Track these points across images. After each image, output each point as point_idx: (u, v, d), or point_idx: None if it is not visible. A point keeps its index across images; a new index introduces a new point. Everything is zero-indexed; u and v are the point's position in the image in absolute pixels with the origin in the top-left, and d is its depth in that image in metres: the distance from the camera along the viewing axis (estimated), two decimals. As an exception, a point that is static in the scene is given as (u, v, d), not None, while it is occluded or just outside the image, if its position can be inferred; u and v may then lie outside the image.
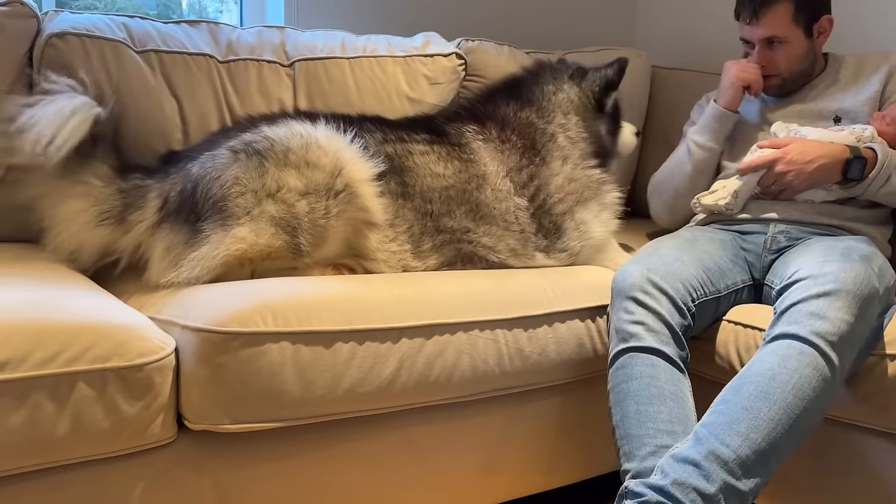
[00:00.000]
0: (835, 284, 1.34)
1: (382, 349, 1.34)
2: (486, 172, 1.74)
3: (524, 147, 1.80)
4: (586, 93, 1.91)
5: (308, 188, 1.48)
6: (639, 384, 1.40)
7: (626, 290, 1.50)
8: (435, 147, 1.73)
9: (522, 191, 1.76)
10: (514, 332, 1.50)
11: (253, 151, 1.50)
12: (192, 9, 2.61)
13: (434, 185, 1.67)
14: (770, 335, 1.36)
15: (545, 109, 1.87)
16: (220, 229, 1.42)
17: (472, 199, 1.70)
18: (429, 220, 1.65)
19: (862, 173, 1.70)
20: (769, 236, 1.74)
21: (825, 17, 1.92)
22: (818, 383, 1.27)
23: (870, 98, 1.87)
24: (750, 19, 1.87)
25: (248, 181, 1.46)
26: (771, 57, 1.89)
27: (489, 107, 1.89)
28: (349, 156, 1.56)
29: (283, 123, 1.59)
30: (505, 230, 1.71)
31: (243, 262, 1.45)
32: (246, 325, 1.23)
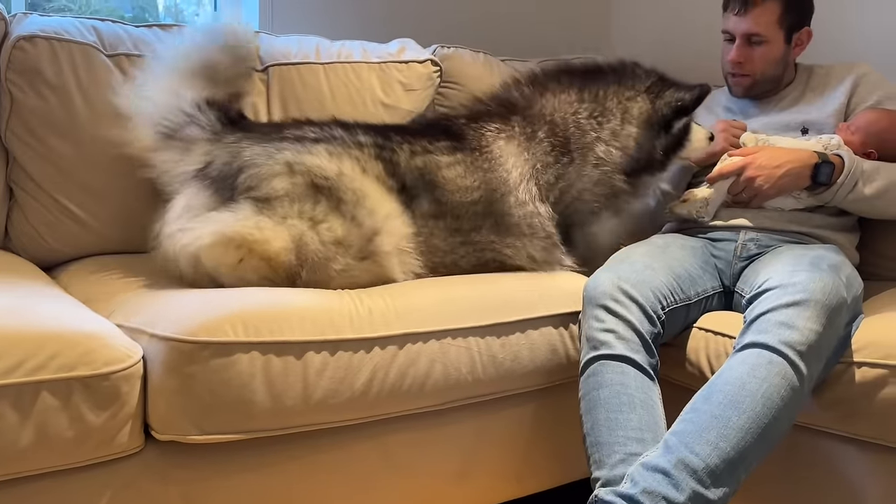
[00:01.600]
0: (803, 294, 1.35)
1: (355, 360, 1.33)
2: (509, 178, 1.70)
3: (552, 145, 1.76)
4: (658, 111, 1.83)
5: (344, 240, 1.50)
6: (609, 392, 1.40)
7: (596, 298, 1.51)
8: (458, 156, 1.69)
9: (546, 194, 1.73)
10: (486, 339, 1.50)
11: (309, 183, 1.50)
12: (169, 11, 2.59)
13: (463, 200, 1.65)
14: (740, 344, 1.37)
15: (603, 112, 1.80)
16: (251, 208, 1.44)
17: (497, 211, 1.68)
18: (457, 237, 1.65)
19: (830, 178, 1.73)
20: (739, 244, 1.76)
21: (806, 28, 1.95)
22: (787, 392, 1.29)
23: (835, 110, 1.90)
24: (739, 10, 1.88)
25: (296, 199, 1.48)
26: (749, 54, 1.91)
27: (532, 97, 1.82)
28: (388, 218, 1.57)
29: (338, 154, 1.57)
30: (528, 237, 1.70)
31: (241, 249, 1.43)
32: (215, 335, 1.22)
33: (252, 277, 1.45)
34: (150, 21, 2.46)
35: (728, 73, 1.99)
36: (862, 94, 1.92)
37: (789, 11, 1.89)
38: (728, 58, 1.94)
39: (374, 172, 1.59)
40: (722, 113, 2.06)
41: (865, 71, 1.95)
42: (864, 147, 1.82)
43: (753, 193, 1.78)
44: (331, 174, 1.53)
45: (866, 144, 1.83)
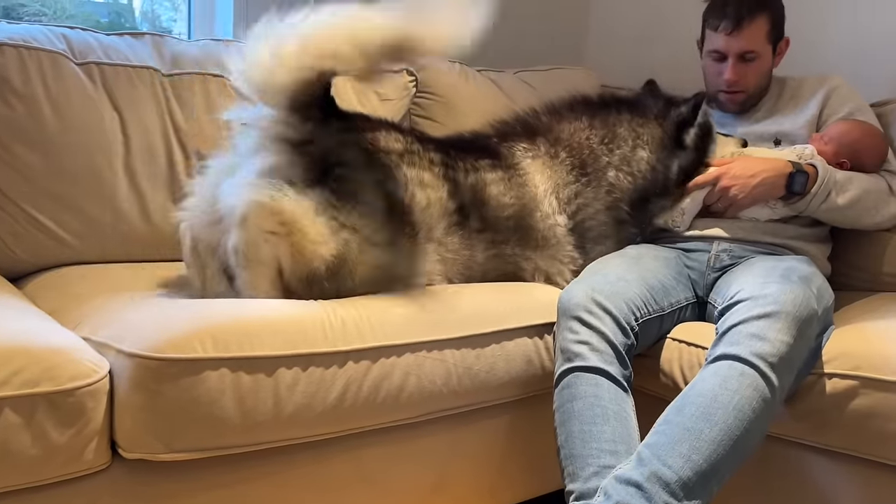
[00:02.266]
0: (774, 306, 1.36)
1: (327, 374, 1.32)
2: (536, 194, 1.76)
3: (572, 165, 1.81)
4: (666, 132, 1.86)
5: (384, 268, 1.50)
6: (583, 404, 1.40)
7: (570, 310, 1.51)
8: (499, 173, 1.74)
9: (565, 207, 1.78)
10: (462, 351, 1.49)
11: (386, 209, 1.49)
12: (146, 17, 2.56)
13: (501, 215, 1.70)
14: (712, 355, 1.38)
15: (615, 137, 1.85)
16: (320, 202, 1.41)
17: (524, 225, 1.73)
18: (493, 249, 1.69)
19: (804, 187, 1.74)
20: (712, 254, 1.77)
21: (785, 38, 1.97)
22: (758, 404, 1.29)
23: (808, 121, 1.92)
24: (732, 30, 1.89)
25: (366, 216, 1.45)
26: (744, 71, 1.92)
27: (552, 122, 1.88)
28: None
29: (419, 179, 1.57)
30: (546, 248, 1.75)
31: (284, 227, 1.39)
32: (183, 352, 1.19)
33: (267, 255, 1.40)
34: (127, 26, 2.45)
35: (720, 91, 1.99)
36: (834, 105, 1.94)
37: (775, 25, 1.92)
38: (724, 77, 1.94)
39: (441, 198, 1.61)
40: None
41: (837, 83, 1.97)
42: (836, 157, 1.85)
43: (729, 203, 1.80)
44: (416, 206, 1.53)
45: (839, 154, 1.85)
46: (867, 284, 1.91)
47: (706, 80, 2.03)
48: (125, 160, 1.73)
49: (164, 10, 2.57)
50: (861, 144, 1.86)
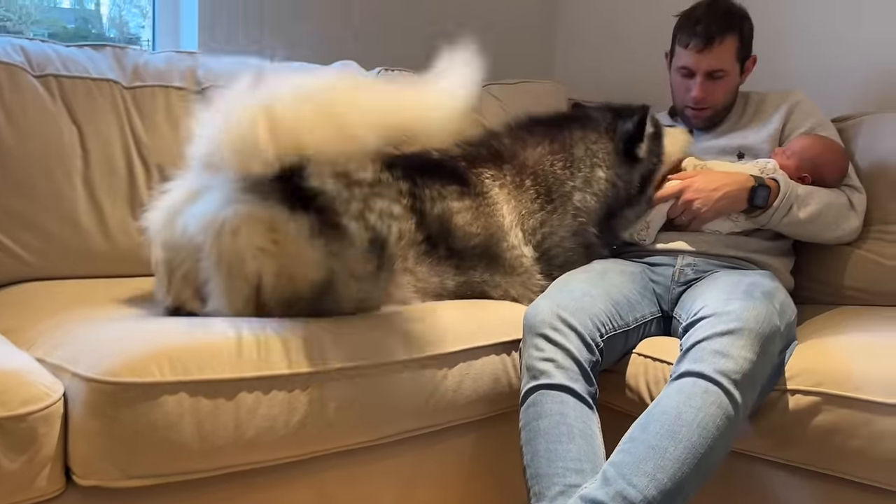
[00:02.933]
0: (737, 323, 1.37)
1: (291, 397, 1.29)
2: (503, 225, 1.76)
3: (538, 193, 1.81)
4: (618, 146, 1.88)
5: (363, 303, 1.48)
6: (548, 422, 1.40)
7: (535, 327, 1.51)
8: (466, 201, 1.73)
9: (531, 238, 1.79)
10: (428, 370, 1.47)
11: (372, 239, 1.44)
12: (113, 23, 2.51)
13: (468, 244, 1.70)
14: (676, 372, 1.38)
15: (575, 160, 1.85)
16: (312, 224, 1.35)
17: (491, 253, 1.74)
18: (460, 276, 1.69)
19: (766, 201, 1.76)
20: (677, 269, 1.78)
21: (752, 56, 1.99)
22: (722, 421, 1.30)
23: (770, 136, 1.95)
24: (701, 48, 1.90)
25: (353, 245, 1.40)
26: (711, 89, 1.94)
27: (516, 147, 1.87)
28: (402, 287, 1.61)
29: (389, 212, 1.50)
30: (513, 275, 1.76)
31: (276, 245, 1.34)
32: (140, 375, 1.16)
33: (250, 270, 1.35)
34: (94, 32, 2.41)
35: (687, 107, 2.00)
36: (796, 120, 1.97)
37: (744, 44, 1.94)
38: (691, 95, 1.96)
39: (409, 230, 1.61)
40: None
41: (799, 99, 2.00)
42: (798, 171, 1.87)
43: (692, 216, 1.81)
44: (384, 236, 1.48)
45: (801, 169, 1.87)
46: (829, 298, 1.94)
47: (673, 94, 2.05)
48: (84, 174, 1.70)
49: (133, 16, 2.53)
50: (822, 159, 1.88)
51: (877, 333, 1.54)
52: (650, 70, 2.40)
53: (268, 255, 1.35)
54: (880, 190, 1.92)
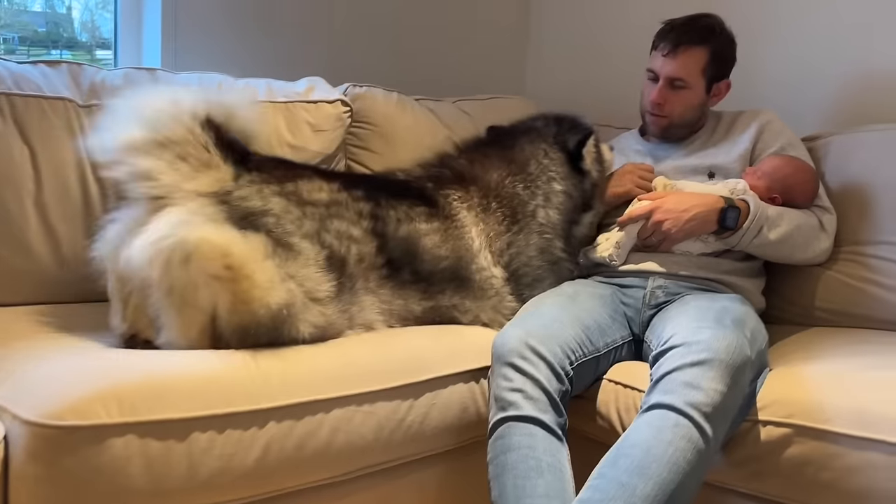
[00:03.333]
0: (708, 353, 1.34)
1: (246, 436, 1.24)
2: (472, 248, 1.74)
3: (504, 215, 1.80)
4: (565, 157, 1.92)
5: (327, 329, 1.45)
6: (517, 456, 1.37)
7: (504, 356, 1.47)
8: (435, 224, 1.70)
9: (499, 259, 1.76)
10: (394, 402, 1.43)
11: (328, 258, 1.45)
12: (85, 27, 2.44)
13: (437, 267, 1.66)
14: (646, 403, 1.36)
15: (532, 178, 1.86)
16: (266, 246, 1.35)
17: (461, 276, 1.70)
18: (429, 301, 1.65)
19: (736, 223, 1.74)
20: (648, 291, 1.76)
21: (725, 81, 1.98)
22: (693, 456, 1.27)
23: (741, 155, 1.93)
24: (667, 52, 1.90)
25: (310, 265, 1.41)
26: (670, 98, 1.93)
27: (477, 168, 1.86)
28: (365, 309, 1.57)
29: (349, 235, 1.53)
30: (484, 299, 1.73)
31: (230, 271, 1.30)
32: (85, 417, 1.10)
33: (204, 299, 1.30)
34: (65, 36, 2.37)
35: (647, 112, 2.00)
36: (766, 140, 1.96)
37: (714, 62, 1.93)
38: (650, 98, 1.96)
39: (368, 258, 1.55)
40: (633, 155, 2.07)
41: (770, 118, 1.99)
42: (769, 192, 1.86)
43: (662, 237, 1.79)
44: (344, 256, 1.49)
45: (771, 190, 1.86)
46: (800, 319, 1.93)
47: (640, 99, 2.03)
48: (36, 197, 1.63)
49: (105, 20, 2.45)
50: (793, 180, 1.87)
51: (848, 360, 1.52)
52: (620, 86, 2.39)
53: (222, 282, 1.30)
54: (850, 211, 1.92)
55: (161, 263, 1.28)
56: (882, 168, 1.90)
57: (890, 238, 1.85)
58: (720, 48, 1.94)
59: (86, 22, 2.45)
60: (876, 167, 1.91)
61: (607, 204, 1.96)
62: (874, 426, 1.27)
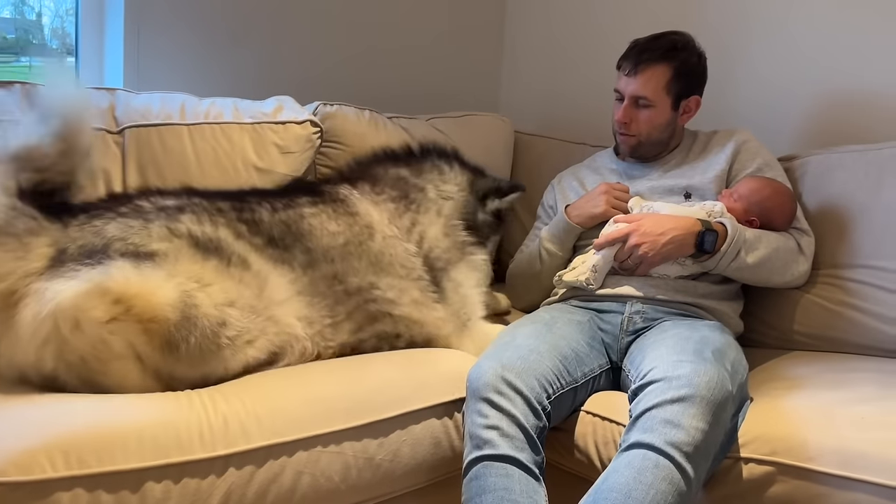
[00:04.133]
0: (688, 389, 1.31)
1: (204, 485, 1.18)
2: (372, 221, 1.73)
3: (397, 197, 1.82)
4: (471, 182, 1.97)
5: (236, 302, 1.44)
6: (492, 498, 1.32)
7: (479, 391, 1.43)
8: (320, 206, 1.71)
9: (408, 236, 1.76)
10: (363, 441, 1.38)
11: (195, 244, 1.45)
12: (55, 34, 2.37)
13: (332, 243, 1.65)
14: (626, 442, 1.32)
15: (421, 170, 1.91)
16: (131, 264, 1.33)
17: (368, 251, 1.69)
18: (337, 284, 1.62)
19: (714, 246, 1.72)
20: (626, 317, 1.72)
21: (694, 97, 1.95)
22: (674, 498, 1.23)
23: (717, 176, 1.91)
24: (629, 71, 1.89)
25: (181, 259, 1.41)
26: (635, 116, 1.91)
27: (360, 169, 1.91)
28: (269, 277, 1.55)
29: (209, 220, 1.54)
30: (405, 278, 1.70)
31: (118, 305, 1.28)
32: (28, 472, 1.03)
33: (119, 346, 1.27)
34: (35, 43, 2.31)
35: (616, 132, 1.98)
36: (743, 160, 1.93)
37: (678, 78, 1.90)
38: (616, 117, 1.95)
39: (244, 236, 1.57)
40: (607, 174, 2.04)
41: (746, 138, 1.97)
42: (746, 215, 1.83)
43: (639, 260, 1.76)
44: (213, 237, 1.48)
45: (749, 212, 1.83)
46: (778, 343, 1.90)
47: (612, 119, 2.01)
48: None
49: (73, 27, 2.37)
50: (771, 203, 1.85)
51: (830, 393, 1.49)
52: (596, 104, 2.37)
53: (121, 318, 1.27)
54: (828, 233, 1.89)
55: (55, 343, 1.24)
56: (860, 190, 1.88)
57: (868, 262, 1.83)
58: (684, 64, 1.90)
59: (56, 28, 2.39)
60: (854, 189, 1.89)
61: (582, 225, 1.92)
62: (859, 466, 1.24)
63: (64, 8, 2.33)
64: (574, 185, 2.06)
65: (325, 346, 1.59)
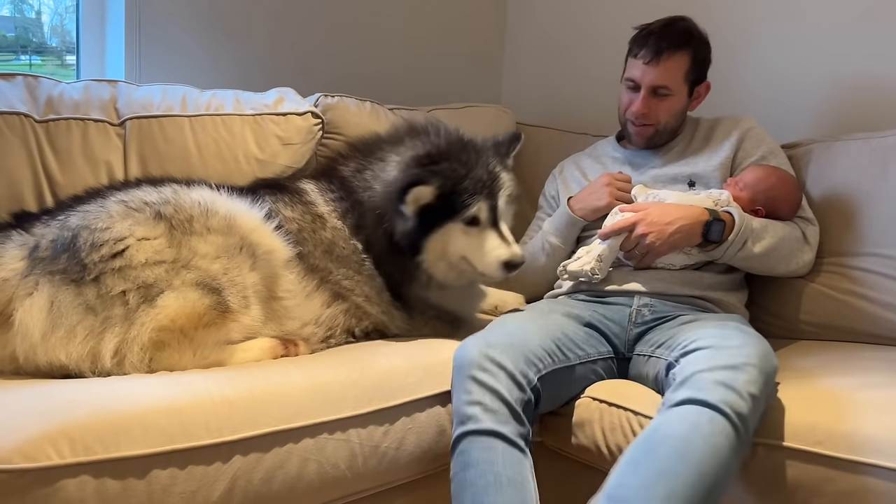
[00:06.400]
0: (743, 358, 1.31)
1: (210, 471, 1.17)
2: (322, 213, 1.73)
3: (345, 197, 1.75)
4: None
5: (218, 252, 1.47)
6: (475, 472, 1.32)
7: (463, 369, 1.44)
8: (278, 195, 1.72)
9: (356, 235, 1.71)
10: (368, 428, 1.37)
11: (156, 213, 1.47)
12: (55, 32, 2.37)
13: (289, 228, 1.65)
14: (673, 400, 1.30)
15: (368, 164, 1.79)
16: (144, 303, 1.36)
17: (321, 240, 1.69)
18: (301, 261, 1.63)
19: (721, 236, 1.71)
20: (634, 309, 1.71)
21: (705, 82, 1.94)
22: (729, 455, 1.23)
23: (721, 164, 1.90)
24: (650, 59, 1.85)
25: (155, 247, 1.42)
26: (655, 106, 1.88)
27: (322, 166, 1.91)
28: (237, 210, 1.55)
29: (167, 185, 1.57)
30: (357, 273, 1.70)
31: (176, 333, 1.37)
32: (34, 459, 1.03)
33: (210, 346, 1.42)
34: (35, 41, 2.32)
35: (628, 122, 1.95)
36: (747, 148, 1.92)
37: (695, 65, 1.89)
38: (633, 109, 1.90)
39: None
40: (610, 163, 2.02)
41: (750, 125, 1.96)
42: (752, 204, 1.82)
43: (645, 250, 1.74)
44: (171, 198, 1.50)
45: (755, 201, 1.82)
46: (784, 332, 1.89)
47: (619, 108, 1.99)
48: (-11, 217, 1.56)
49: (74, 25, 2.37)
50: (776, 192, 1.84)
51: (838, 379, 1.48)
52: (598, 93, 2.36)
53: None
54: (833, 221, 1.89)
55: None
56: (865, 177, 1.87)
57: (873, 249, 1.82)
58: (700, 51, 1.90)
59: (55, 26, 2.39)
60: (859, 176, 1.88)
61: (585, 218, 1.90)
62: (868, 449, 1.23)
63: (63, 6, 2.33)
64: (576, 174, 2.05)
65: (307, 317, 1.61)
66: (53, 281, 1.35)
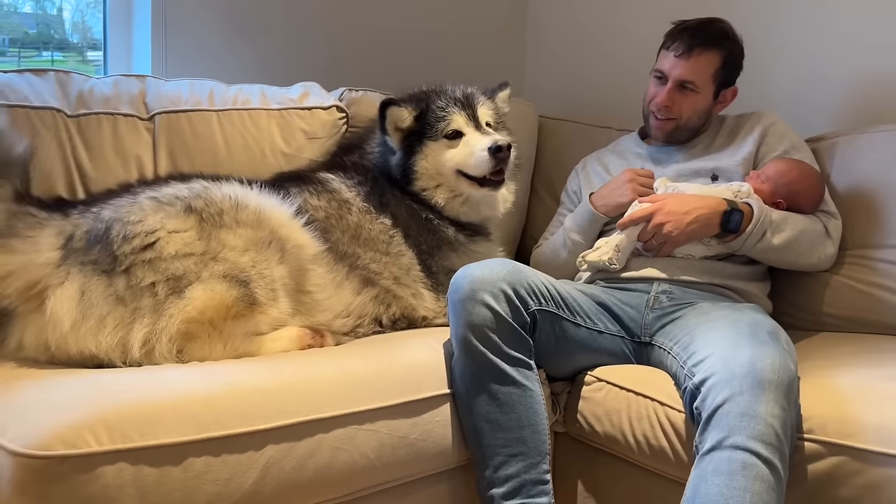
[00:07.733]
0: (754, 376, 1.27)
1: (243, 459, 1.19)
2: (348, 198, 1.77)
3: (364, 180, 1.83)
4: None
5: (247, 245, 1.49)
6: (486, 394, 1.44)
7: (468, 292, 1.48)
8: (302, 187, 1.76)
9: (383, 212, 1.77)
10: (397, 420, 1.39)
11: (186, 207, 1.49)
12: (76, 28, 2.39)
13: (316, 216, 1.69)
14: (705, 444, 1.27)
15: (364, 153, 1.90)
16: (173, 295, 1.38)
17: (348, 224, 1.73)
18: (330, 252, 1.66)
19: (739, 226, 1.70)
20: (652, 296, 1.71)
21: (732, 88, 1.94)
22: (769, 495, 1.21)
23: (744, 158, 1.89)
24: (681, 53, 1.85)
25: (185, 239, 1.44)
26: (679, 100, 1.88)
27: (331, 159, 1.94)
28: (268, 205, 1.58)
29: (196, 181, 1.60)
30: (385, 254, 1.74)
31: (205, 325, 1.39)
32: (74, 446, 1.05)
33: (239, 338, 1.45)
34: (56, 38, 2.34)
35: (651, 113, 1.94)
36: (770, 143, 1.91)
37: (725, 67, 1.89)
38: (657, 100, 1.90)
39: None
40: (633, 158, 2.02)
41: (774, 120, 1.95)
42: (773, 196, 1.81)
43: (663, 240, 1.74)
44: (201, 192, 1.53)
45: (776, 194, 1.82)
46: (808, 324, 1.88)
47: (644, 99, 1.99)
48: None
49: (96, 21, 2.40)
50: (798, 185, 1.83)
51: (866, 371, 1.47)
52: (621, 88, 2.35)
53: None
54: (858, 213, 1.87)
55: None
56: (891, 169, 1.85)
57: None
58: (732, 54, 1.90)
59: (77, 23, 2.40)
60: (885, 168, 1.86)
61: (608, 214, 1.90)
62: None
63: (85, 2, 2.35)
64: (599, 170, 2.05)
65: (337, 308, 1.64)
66: (85, 271, 1.38)
